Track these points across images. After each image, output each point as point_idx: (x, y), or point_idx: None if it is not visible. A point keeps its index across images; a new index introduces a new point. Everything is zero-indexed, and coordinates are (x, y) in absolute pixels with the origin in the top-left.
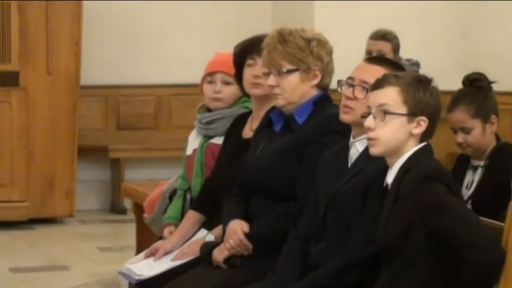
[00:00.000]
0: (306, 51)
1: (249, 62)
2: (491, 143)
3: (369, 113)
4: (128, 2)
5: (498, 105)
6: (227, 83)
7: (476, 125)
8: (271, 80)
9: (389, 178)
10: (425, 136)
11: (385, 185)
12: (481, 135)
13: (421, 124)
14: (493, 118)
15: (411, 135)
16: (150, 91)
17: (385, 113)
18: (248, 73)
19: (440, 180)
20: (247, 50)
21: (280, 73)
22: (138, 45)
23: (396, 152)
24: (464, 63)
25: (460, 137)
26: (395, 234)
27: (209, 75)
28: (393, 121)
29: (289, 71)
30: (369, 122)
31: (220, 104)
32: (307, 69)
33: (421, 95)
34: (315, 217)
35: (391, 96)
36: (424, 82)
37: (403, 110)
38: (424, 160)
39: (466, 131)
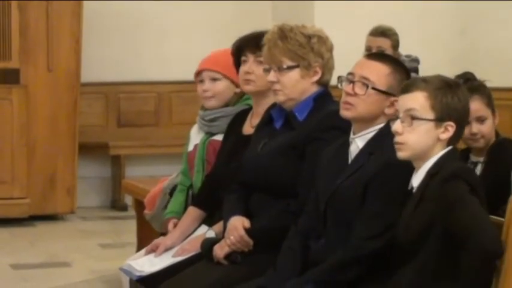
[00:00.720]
0: (307, 47)
1: (243, 58)
2: (493, 138)
3: (397, 117)
4: (128, 0)
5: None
6: (214, 80)
7: (489, 114)
8: (271, 76)
9: (415, 181)
10: (452, 140)
11: (410, 187)
12: (492, 126)
13: (449, 129)
14: (496, 112)
15: (438, 140)
16: (150, 88)
17: (413, 118)
18: (241, 70)
19: (463, 179)
20: (241, 48)
21: (280, 69)
22: (138, 43)
23: (423, 156)
24: (462, 61)
25: (475, 128)
26: (414, 236)
27: (198, 75)
28: (421, 126)
29: (290, 68)
30: (397, 126)
31: (214, 102)
32: (308, 66)
33: (448, 100)
34: (315, 213)
35: (418, 101)
36: (452, 87)
37: (430, 115)
38: (450, 163)
39: (482, 119)
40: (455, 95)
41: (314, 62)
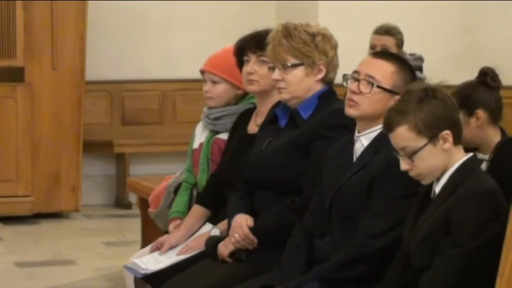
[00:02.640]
0: (311, 45)
1: (245, 58)
2: (490, 138)
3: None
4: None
5: (499, 102)
6: (214, 82)
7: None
8: (276, 74)
9: (438, 188)
10: (457, 141)
11: (432, 195)
12: (464, 127)
13: (447, 138)
14: (478, 113)
15: (445, 151)
16: (154, 86)
17: (410, 155)
18: (243, 70)
19: (488, 204)
20: (243, 48)
21: (285, 67)
22: (142, 41)
23: (443, 170)
24: (466, 58)
25: None
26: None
27: (202, 74)
28: (421, 155)
29: (294, 66)
30: (403, 166)
31: (213, 103)
32: (312, 64)
33: (431, 115)
34: (320, 211)
35: (404, 136)
36: (429, 97)
37: (422, 141)
38: (474, 175)
39: None
40: (434, 104)
41: (318, 60)
